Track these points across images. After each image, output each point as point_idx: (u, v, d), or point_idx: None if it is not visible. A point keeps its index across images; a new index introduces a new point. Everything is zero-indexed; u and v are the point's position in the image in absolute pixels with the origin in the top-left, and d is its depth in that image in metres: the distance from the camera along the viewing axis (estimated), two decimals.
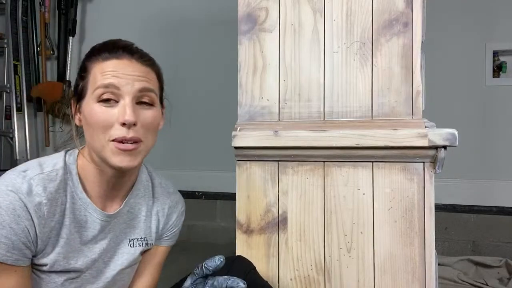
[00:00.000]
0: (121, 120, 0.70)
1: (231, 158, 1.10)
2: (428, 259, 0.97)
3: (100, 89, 0.71)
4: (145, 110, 0.74)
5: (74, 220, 0.74)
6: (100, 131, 0.71)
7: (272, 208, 1.06)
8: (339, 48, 1.05)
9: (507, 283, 1.83)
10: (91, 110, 0.71)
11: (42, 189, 0.69)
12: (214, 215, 2.61)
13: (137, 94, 0.72)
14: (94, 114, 0.71)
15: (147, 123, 0.74)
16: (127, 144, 0.71)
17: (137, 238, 0.84)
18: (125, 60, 0.73)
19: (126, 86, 0.71)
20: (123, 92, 0.71)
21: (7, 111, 2.90)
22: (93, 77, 0.72)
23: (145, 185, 0.87)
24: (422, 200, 0.98)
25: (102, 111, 0.71)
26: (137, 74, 0.73)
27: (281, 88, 1.08)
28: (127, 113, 0.70)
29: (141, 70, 0.74)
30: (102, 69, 0.72)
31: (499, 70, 2.24)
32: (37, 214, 0.68)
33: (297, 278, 1.05)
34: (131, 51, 0.75)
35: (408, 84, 1.00)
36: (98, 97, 0.71)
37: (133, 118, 0.70)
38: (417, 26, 1.00)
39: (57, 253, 0.72)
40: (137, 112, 0.72)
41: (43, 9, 2.88)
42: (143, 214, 0.85)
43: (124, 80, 0.71)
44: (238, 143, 1.05)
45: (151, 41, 2.72)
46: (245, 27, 1.10)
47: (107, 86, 0.71)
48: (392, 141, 0.96)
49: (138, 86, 0.72)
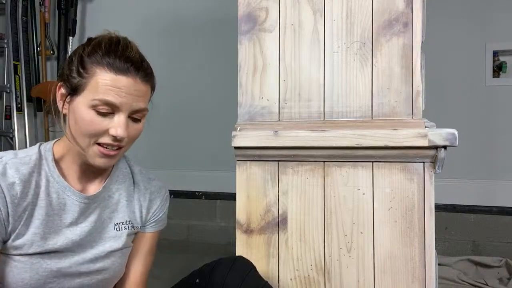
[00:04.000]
0: (113, 134, 0.74)
1: (231, 158, 1.10)
2: (428, 259, 0.97)
3: (99, 102, 0.72)
4: (134, 124, 0.78)
5: (51, 203, 0.77)
6: (88, 136, 0.74)
7: (272, 208, 1.06)
8: (339, 48, 1.05)
9: (507, 283, 1.83)
10: (83, 113, 0.73)
11: (14, 170, 0.74)
12: (214, 215, 2.61)
13: (132, 113, 0.76)
14: (87, 119, 0.73)
15: (134, 136, 0.79)
16: (110, 150, 0.76)
17: (122, 222, 0.87)
18: (130, 79, 0.74)
19: (126, 105, 0.74)
20: (121, 109, 0.74)
21: (7, 111, 2.90)
22: (94, 83, 0.73)
23: (123, 172, 0.90)
24: (422, 200, 0.98)
25: (96, 120, 0.73)
26: (137, 94, 0.75)
27: (281, 88, 1.08)
28: (120, 129, 0.74)
29: (142, 90, 0.76)
30: (106, 83, 0.72)
31: (499, 70, 2.23)
32: (9, 193, 0.72)
33: (297, 278, 1.05)
34: (138, 68, 0.75)
35: (408, 84, 1.00)
36: (94, 106, 0.73)
37: (125, 135, 0.75)
38: (417, 26, 1.00)
39: (32, 233, 0.75)
40: (128, 126, 0.76)
41: (43, 9, 2.87)
42: (124, 199, 0.88)
43: (125, 99, 0.73)
44: (238, 143, 1.05)
45: (151, 41, 2.72)
46: (245, 27, 1.10)
47: (107, 103, 0.72)
48: (392, 141, 0.96)
49: (136, 107, 0.76)
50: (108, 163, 0.78)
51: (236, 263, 0.92)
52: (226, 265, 0.91)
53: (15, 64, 2.79)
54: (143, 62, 0.78)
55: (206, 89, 2.61)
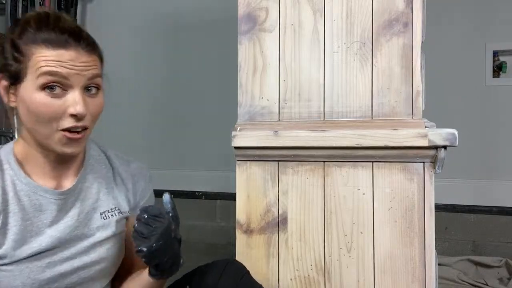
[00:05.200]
0: (73, 112, 0.68)
1: (231, 158, 1.10)
2: (428, 259, 0.97)
3: (45, 76, 0.66)
4: (93, 98, 0.72)
5: (24, 207, 0.73)
6: (46, 121, 0.69)
7: (272, 208, 1.06)
8: (339, 48, 1.05)
9: (507, 283, 1.83)
10: (34, 99, 0.68)
11: None
12: (214, 215, 2.61)
13: (86, 83, 0.70)
14: (39, 104, 0.67)
15: (96, 112, 0.73)
16: (76, 133, 0.70)
17: (107, 210, 0.82)
18: (72, 52, 0.68)
19: (75, 76, 0.68)
20: (72, 82, 0.68)
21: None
22: (34, 63, 0.67)
23: (97, 159, 0.85)
24: (422, 200, 0.98)
25: (49, 102, 0.67)
26: (85, 64, 0.69)
27: (281, 88, 1.08)
28: (78, 106, 0.68)
29: (88, 61, 0.70)
30: (46, 58, 0.66)
31: (499, 70, 2.23)
32: None
33: (297, 278, 1.05)
34: (77, 37, 0.69)
35: (408, 84, 1.00)
36: (42, 85, 0.67)
37: (85, 111, 0.69)
38: (417, 26, 1.00)
39: (12, 241, 0.71)
40: (86, 102, 0.70)
41: None
42: (104, 187, 0.84)
43: (73, 70, 0.67)
44: (238, 143, 1.05)
45: (151, 40, 2.73)
46: (245, 27, 1.10)
47: (54, 74, 0.67)
48: (392, 141, 0.96)
49: (87, 75, 0.69)
50: (76, 149, 0.73)
51: (229, 267, 0.88)
52: (218, 269, 0.87)
53: None
54: (81, 32, 0.71)
55: (206, 89, 2.61)
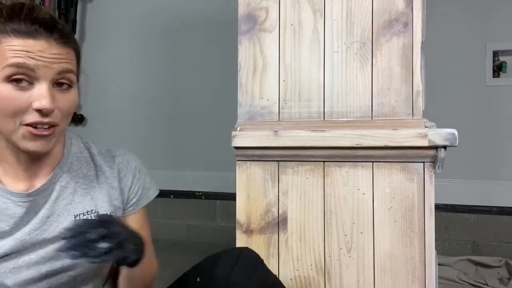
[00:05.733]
0: (37, 107, 0.63)
1: (231, 158, 1.10)
2: (428, 259, 0.97)
3: (11, 68, 0.62)
4: (63, 93, 0.67)
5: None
6: (10, 116, 0.64)
7: (272, 208, 1.06)
8: (339, 48, 1.05)
9: (507, 283, 1.83)
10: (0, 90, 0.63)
11: None
12: (214, 215, 2.61)
13: (55, 76, 0.65)
14: (4, 95, 0.63)
15: (66, 108, 0.68)
16: (42, 129, 0.65)
17: (83, 213, 0.75)
18: (42, 42, 0.63)
19: (43, 69, 0.63)
20: (39, 75, 0.63)
21: None
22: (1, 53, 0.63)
23: (79, 157, 0.79)
24: (422, 200, 0.98)
25: (13, 95, 0.63)
26: (56, 57, 0.65)
27: (281, 88, 1.08)
28: (44, 101, 0.63)
29: (60, 53, 0.65)
30: (13, 48, 0.62)
31: (499, 70, 2.23)
32: None
33: (297, 278, 1.05)
34: (49, 28, 0.65)
35: (408, 84, 1.00)
36: (7, 77, 0.63)
37: (51, 106, 0.64)
38: (417, 26, 1.00)
39: None
40: (54, 97, 0.65)
41: None
42: (82, 187, 0.77)
43: (41, 62, 0.63)
44: (238, 143, 1.05)
45: (151, 41, 2.73)
46: (245, 27, 1.10)
47: (19, 66, 0.62)
48: (392, 141, 0.96)
49: (57, 68, 0.65)
50: (43, 146, 0.66)
51: (242, 257, 0.83)
52: (230, 260, 0.82)
53: None
54: (56, 23, 0.66)
55: (206, 89, 2.61)
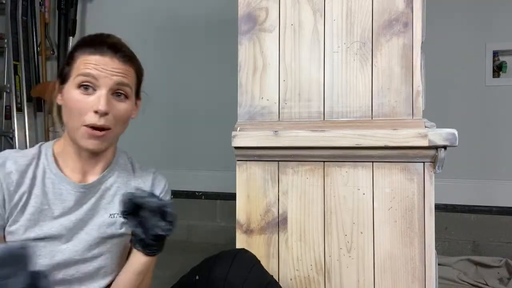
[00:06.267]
0: (94, 109, 0.78)
1: (231, 158, 1.10)
2: (428, 259, 0.97)
3: (81, 76, 0.79)
4: (119, 102, 0.82)
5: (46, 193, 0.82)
6: (76, 115, 0.79)
7: (272, 208, 1.06)
8: (339, 48, 1.05)
9: (507, 283, 1.83)
10: (70, 94, 0.80)
11: (13, 162, 0.81)
12: (214, 215, 2.61)
13: (114, 86, 0.80)
14: (73, 99, 0.79)
15: (119, 115, 0.82)
16: (96, 131, 0.79)
17: (117, 213, 0.86)
18: (107, 58, 0.80)
19: (104, 79, 0.79)
20: (101, 83, 0.79)
21: (7, 111, 2.90)
22: (77, 66, 0.81)
23: (123, 166, 0.92)
24: (422, 200, 0.98)
25: (80, 98, 0.79)
26: (116, 70, 0.80)
27: (281, 88, 1.08)
28: (101, 103, 0.78)
29: (120, 67, 0.81)
30: (86, 61, 0.80)
31: (499, 70, 2.23)
32: (6, 181, 0.79)
33: (297, 278, 1.05)
34: (115, 49, 0.82)
35: (408, 84, 1.00)
36: (78, 84, 0.79)
37: (105, 109, 0.78)
38: (417, 26, 1.00)
39: (26, 219, 0.80)
40: (110, 103, 0.80)
41: (43, 9, 2.87)
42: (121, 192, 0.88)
43: (103, 73, 0.79)
44: (238, 143, 1.05)
45: (151, 41, 2.72)
46: (245, 27, 1.10)
47: (87, 75, 0.79)
48: (392, 141, 0.96)
49: (115, 80, 0.80)
50: (97, 145, 0.81)
51: (238, 257, 0.89)
52: (227, 260, 0.88)
53: (15, 64, 2.79)
54: (122, 47, 0.83)
55: (206, 89, 2.61)
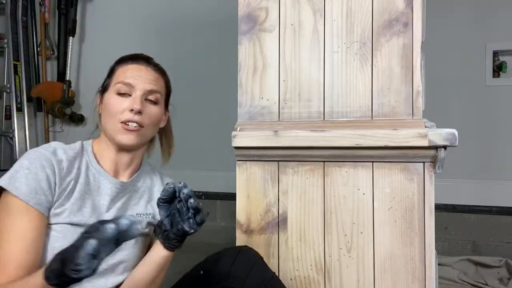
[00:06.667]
0: (130, 107, 0.90)
1: (231, 158, 1.10)
2: (428, 259, 0.97)
3: (120, 84, 0.92)
4: (150, 105, 0.94)
5: (89, 183, 0.91)
6: (114, 116, 0.90)
7: (272, 208, 1.06)
8: (339, 48, 1.05)
9: (507, 283, 1.83)
10: (110, 99, 0.92)
11: (63, 152, 0.90)
12: (214, 215, 2.61)
13: (147, 92, 0.92)
14: (112, 102, 0.92)
15: (150, 115, 0.94)
16: (131, 126, 0.90)
17: (142, 213, 0.98)
18: (142, 67, 0.95)
19: (139, 85, 0.92)
20: (136, 88, 0.92)
21: (7, 111, 2.90)
22: (116, 76, 0.94)
23: (150, 174, 1.04)
24: (422, 200, 0.98)
25: (118, 101, 0.91)
26: (149, 78, 0.94)
27: (281, 88, 1.08)
28: (136, 103, 0.90)
29: (152, 75, 0.95)
30: (124, 71, 0.94)
31: (499, 70, 2.23)
32: (58, 167, 0.87)
33: (297, 278, 1.05)
34: (148, 61, 0.96)
35: (408, 84, 1.00)
36: (117, 90, 0.92)
37: (140, 107, 0.90)
38: (417, 26, 1.00)
39: (71, 204, 0.88)
40: (144, 105, 0.92)
41: (43, 9, 2.87)
42: (147, 195, 1.01)
43: (138, 80, 0.92)
44: (238, 143, 1.05)
45: (151, 40, 2.72)
46: (245, 27, 1.10)
47: (124, 83, 0.92)
48: (392, 141, 0.96)
49: (148, 87, 0.93)
50: (131, 140, 0.91)
51: (242, 253, 0.93)
52: (231, 255, 0.93)
53: (15, 64, 2.79)
54: (152, 60, 0.97)
55: (206, 89, 2.61)
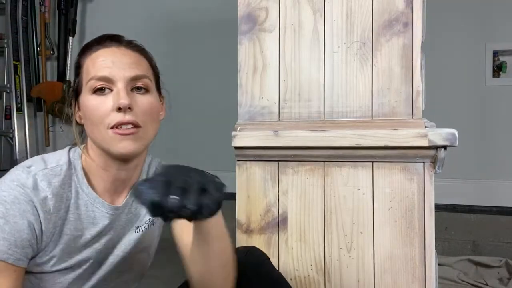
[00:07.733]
0: (115, 105, 0.69)
1: (231, 158, 1.10)
2: (428, 259, 0.97)
3: (93, 80, 0.71)
4: (141, 95, 0.73)
5: (80, 216, 0.73)
6: (98, 122, 0.70)
7: (272, 208, 1.06)
8: (339, 48, 1.05)
9: (507, 283, 1.83)
10: (87, 102, 0.72)
11: (46, 184, 0.69)
12: None
13: (130, 80, 0.71)
14: (90, 105, 0.71)
15: (144, 108, 0.72)
16: (125, 128, 0.70)
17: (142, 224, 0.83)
18: (113, 48, 0.73)
19: (118, 74, 0.70)
20: (116, 79, 0.70)
21: (7, 111, 2.90)
22: (86, 70, 0.73)
23: None
24: (422, 200, 0.98)
25: (97, 101, 0.70)
26: (128, 61, 0.72)
27: (281, 88, 1.08)
28: (121, 97, 0.69)
29: (131, 56, 0.73)
30: (93, 60, 0.72)
31: (499, 70, 2.23)
32: (43, 209, 0.67)
33: (297, 278, 1.04)
34: (118, 39, 0.75)
35: (408, 84, 1.00)
36: (92, 89, 0.71)
37: (127, 101, 0.69)
38: (417, 26, 1.00)
39: (60, 249, 0.71)
40: (131, 97, 0.71)
41: (43, 9, 2.88)
42: None
43: (116, 68, 0.71)
44: (238, 143, 1.05)
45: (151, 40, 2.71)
46: (245, 27, 1.10)
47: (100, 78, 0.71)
48: (392, 141, 0.96)
49: (130, 73, 0.71)
50: (131, 146, 0.70)
51: (250, 253, 0.90)
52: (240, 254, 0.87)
53: (15, 64, 2.79)
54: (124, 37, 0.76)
55: (206, 89, 2.61)
